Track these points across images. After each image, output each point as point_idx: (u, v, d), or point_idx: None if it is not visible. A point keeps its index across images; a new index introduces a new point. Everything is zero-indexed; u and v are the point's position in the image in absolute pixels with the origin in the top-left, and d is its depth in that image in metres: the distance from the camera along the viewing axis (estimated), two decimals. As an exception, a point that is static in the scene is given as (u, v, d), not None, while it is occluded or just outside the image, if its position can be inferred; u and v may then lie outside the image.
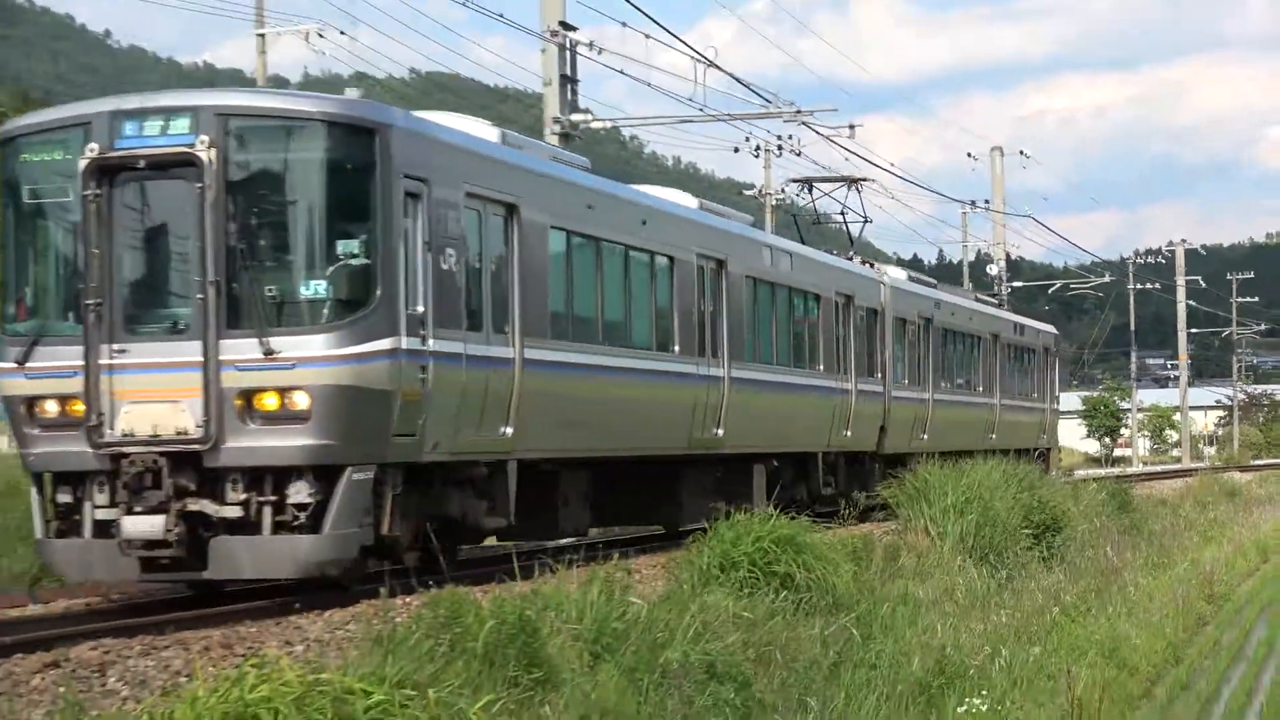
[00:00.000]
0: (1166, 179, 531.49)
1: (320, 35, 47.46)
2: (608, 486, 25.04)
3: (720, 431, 26.67)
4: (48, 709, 10.58)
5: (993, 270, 70.98)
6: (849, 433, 33.33)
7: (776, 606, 18.96)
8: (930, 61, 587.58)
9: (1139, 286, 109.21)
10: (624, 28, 38.01)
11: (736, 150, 51.57)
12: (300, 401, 17.10)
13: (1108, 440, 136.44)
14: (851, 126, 46.51)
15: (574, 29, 35.42)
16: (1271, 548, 45.40)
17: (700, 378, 26.13)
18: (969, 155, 74.49)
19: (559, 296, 22.02)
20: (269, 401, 17.12)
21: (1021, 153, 75.37)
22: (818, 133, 46.43)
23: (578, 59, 35.93)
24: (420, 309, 18.30)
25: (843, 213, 43.26)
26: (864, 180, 43.81)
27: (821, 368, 32.21)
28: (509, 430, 20.14)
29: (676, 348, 25.45)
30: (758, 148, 53.46)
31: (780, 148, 48.59)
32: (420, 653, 12.63)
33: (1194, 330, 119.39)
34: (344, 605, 16.49)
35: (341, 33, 51.50)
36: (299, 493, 17.04)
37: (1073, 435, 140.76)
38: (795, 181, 44.87)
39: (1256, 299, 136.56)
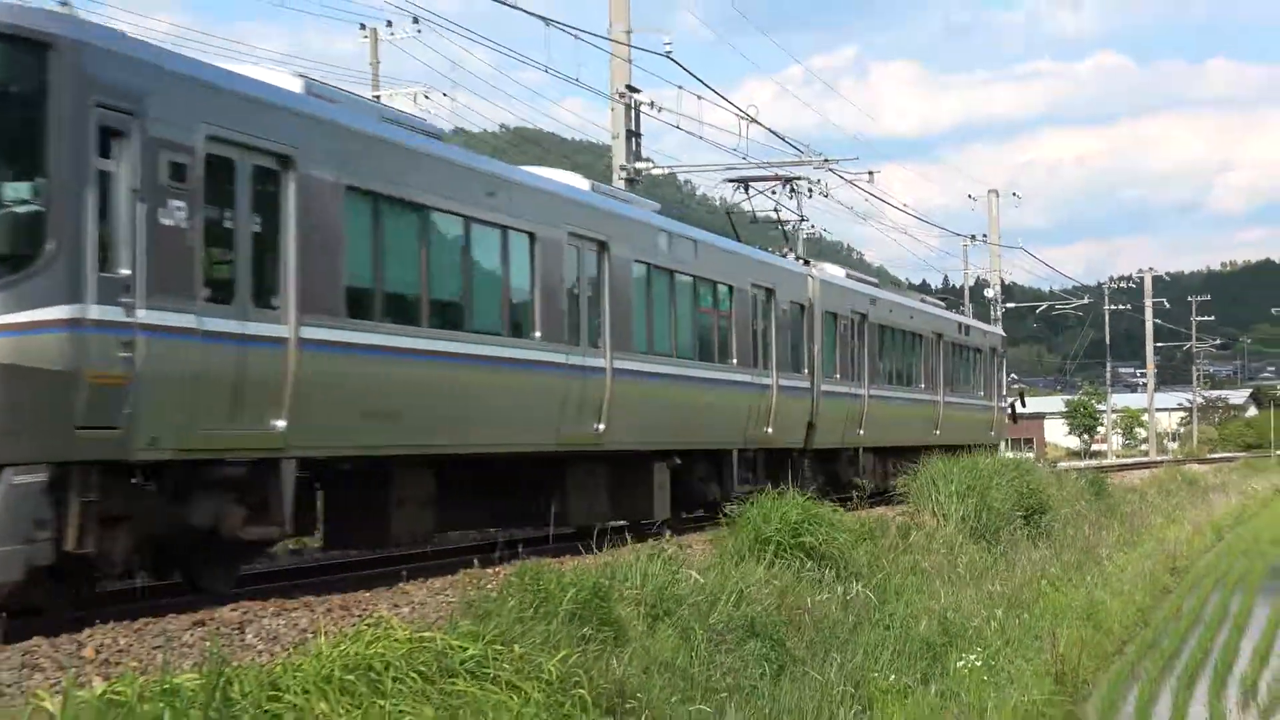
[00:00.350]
0: (1137, 217, 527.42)
1: (426, 96, 47.55)
2: (470, 487, 19.88)
3: (601, 427, 20.96)
4: (196, 660, 10.58)
5: (989, 294, 70.64)
6: (770, 429, 27.42)
7: (804, 575, 18.91)
8: (938, 118, 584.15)
9: (1113, 307, 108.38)
10: (680, 90, 38.53)
11: (774, 193, 51.28)
12: None
13: (1086, 437, 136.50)
14: (871, 173, 46.33)
15: (638, 91, 35.35)
16: (1225, 528, 45.14)
17: (570, 368, 20.32)
18: (970, 197, 73.92)
19: (360, 269, 16.15)
20: None
21: (1014, 194, 75.74)
22: (843, 178, 46.19)
23: (641, 116, 35.85)
24: (125, 272, 12.73)
25: (776, 210, 39.33)
26: (798, 179, 40.25)
27: (735, 361, 26.14)
28: (281, 423, 14.50)
29: (538, 334, 19.63)
30: (792, 191, 53.25)
31: (811, 191, 48.45)
32: (509, 615, 12.61)
33: (1160, 344, 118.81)
34: (443, 574, 16.38)
35: (444, 94, 51.69)
36: None
37: (1056, 433, 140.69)
38: (730, 181, 39.10)
39: (1213, 318, 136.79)
